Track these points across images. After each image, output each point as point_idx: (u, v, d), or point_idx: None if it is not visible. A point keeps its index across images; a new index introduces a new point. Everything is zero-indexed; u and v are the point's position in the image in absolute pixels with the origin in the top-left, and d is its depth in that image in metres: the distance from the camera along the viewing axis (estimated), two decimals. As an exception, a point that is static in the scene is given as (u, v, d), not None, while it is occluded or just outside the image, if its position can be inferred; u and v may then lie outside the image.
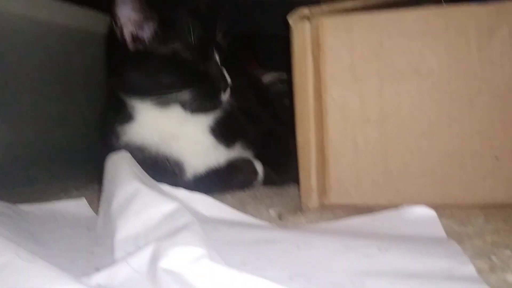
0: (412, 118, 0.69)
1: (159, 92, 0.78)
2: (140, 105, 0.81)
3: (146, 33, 0.78)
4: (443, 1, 0.77)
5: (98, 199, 0.66)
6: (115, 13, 0.77)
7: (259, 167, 0.88)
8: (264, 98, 1.00)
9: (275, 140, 0.91)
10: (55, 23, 0.86)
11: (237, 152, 0.88)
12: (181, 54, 0.78)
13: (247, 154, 0.89)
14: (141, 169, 0.67)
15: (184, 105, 0.80)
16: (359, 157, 0.71)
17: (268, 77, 1.11)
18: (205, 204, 0.68)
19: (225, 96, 0.82)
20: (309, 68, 0.72)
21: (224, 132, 0.85)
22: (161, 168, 0.81)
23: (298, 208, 0.74)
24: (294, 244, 0.55)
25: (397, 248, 0.53)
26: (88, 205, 0.74)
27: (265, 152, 0.90)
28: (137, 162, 0.70)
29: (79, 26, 0.92)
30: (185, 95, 0.79)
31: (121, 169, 0.64)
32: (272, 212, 0.71)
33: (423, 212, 0.62)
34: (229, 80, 0.82)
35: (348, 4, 0.72)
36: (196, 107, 0.80)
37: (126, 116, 0.82)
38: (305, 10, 0.71)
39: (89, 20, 0.95)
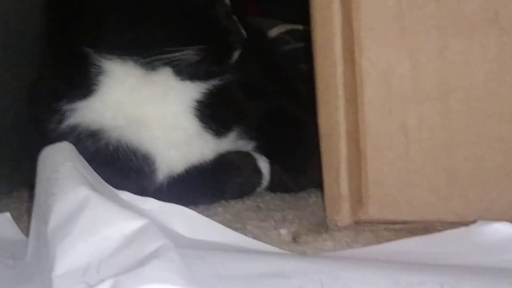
0: (488, 92, 0.70)
1: (153, 49, 0.79)
2: (115, 69, 0.82)
3: None
4: None
5: (29, 214, 0.67)
6: None
7: (263, 164, 0.90)
8: (270, 61, 1.01)
9: (286, 124, 0.92)
10: None
11: (232, 143, 0.90)
12: None
13: (245, 145, 0.91)
14: (91, 169, 0.68)
15: (180, 69, 0.82)
16: (411, 151, 0.72)
17: (275, 30, 1.11)
18: (185, 220, 0.68)
19: (235, 57, 0.84)
20: (336, 16, 0.72)
21: (214, 113, 0.86)
22: (123, 166, 0.82)
23: (322, 226, 0.74)
24: (317, 281, 0.55)
25: (470, 285, 0.53)
26: (14, 223, 0.74)
27: (272, 143, 0.91)
28: (87, 156, 0.71)
29: None
30: (192, 53, 0.80)
31: (62, 168, 0.64)
32: (284, 232, 0.72)
33: (507, 231, 0.62)
34: (244, 33, 0.84)
35: None
36: (199, 71, 0.83)
37: (83, 86, 0.82)
38: None
39: None
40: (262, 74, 0.97)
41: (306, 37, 0.77)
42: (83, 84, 0.82)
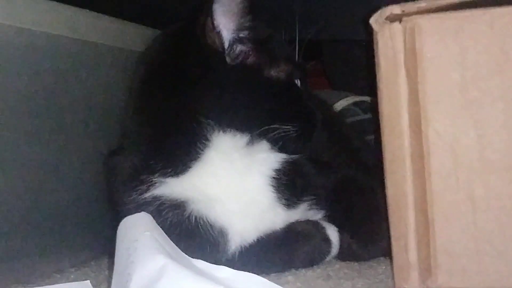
0: None
1: (264, 124, 0.83)
2: (223, 143, 0.84)
3: (246, 46, 0.84)
4: None
5: (107, 282, 0.68)
6: (211, 11, 0.82)
7: (332, 233, 0.90)
8: (338, 133, 1.02)
9: (355, 194, 0.93)
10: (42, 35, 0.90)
11: (302, 213, 0.90)
12: (291, 77, 0.86)
13: (315, 215, 0.92)
14: (168, 238, 0.69)
15: (275, 143, 0.85)
16: (479, 219, 0.71)
17: (342, 102, 1.12)
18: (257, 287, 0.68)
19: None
20: (403, 90, 0.73)
21: (288, 185, 0.88)
22: (201, 238, 0.83)
23: None
24: None
25: None
26: None
27: (341, 212, 0.92)
28: (165, 227, 0.73)
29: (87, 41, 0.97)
30: (291, 129, 0.84)
31: (141, 238, 0.65)
32: None
33: None
34: (319, 113, 0.88)
35: None
36: (290, 145, 0.86)
37: (182, 161, 0.84)
38: (395, 8, 0.72)
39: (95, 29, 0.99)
40: (330, 146, 0.98)
41: (373, 109, 0.78)
42: (183, 159, 0.84)
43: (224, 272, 0.68)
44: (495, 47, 0.71)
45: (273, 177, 0.88)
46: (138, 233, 0.66)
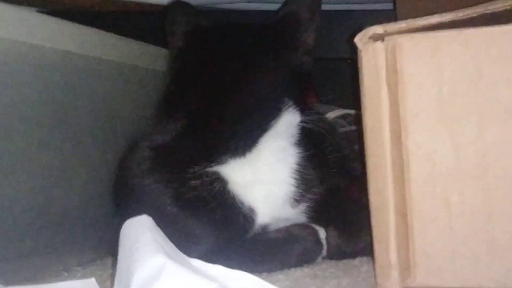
0: None
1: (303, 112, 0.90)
2: (287, 119, 0.90)
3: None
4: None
5: (111, 279, 0.68)
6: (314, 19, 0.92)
7: (323, 236, 0.90)
8: (331, 143, 1.02)
9: (343, 199, 0.94)
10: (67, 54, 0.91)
11: (297, 214, 0.92)
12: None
13: (306, 217, 0.93)
14: (167, 239, 0.69)
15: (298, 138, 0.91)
16: (454, 223, 0.72)
17: (330, 114, 1.12)
18: (249, 285, 0.68)
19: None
20: (384, 104, 0.73)
21: (301, 181, 0.90)
22: (233, 215, 0.87)
23: None
24: None
25: None
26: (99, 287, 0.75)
27: (330, 215, 0.92)
28: (205, 203, 0.78)
29: (101, 59, 0.98)
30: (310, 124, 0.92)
31: (142, 239, 0.65)
32: None
33: None
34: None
35: (433, 19, 0.73)
36: (308, 141, 0.93)
37: (242, 149, 0.88)
38: (377, 28, 0.72)
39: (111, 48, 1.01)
40: (325, 153, 0.99)
41: (357, 121, 0.78)
42: (242, 144, 0.87)
43: (217, 270, 0.68)
44: (470, 65, 0.71)
45: (294, 168, 0.91)
46: (140, 234, 0.66)
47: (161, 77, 1.01)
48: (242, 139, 0.87)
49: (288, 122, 0.90)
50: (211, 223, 0.87)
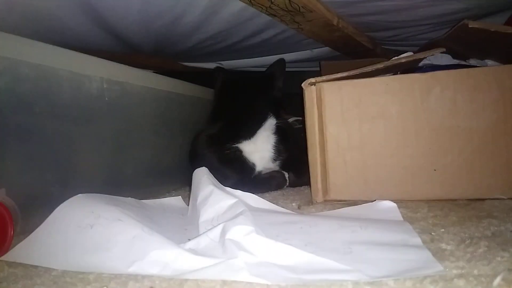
0: (381, 145, 0.70)
1: (279, 116, 0.87)
2: (269, 122, 0.86)
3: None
4: (399, 72, 0.78)
5: (189, 197, 0.66)
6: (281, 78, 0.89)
7: (287, 176, 0.88)
8: (291, 133, 0.99)
9: (297, 159, 0.90)
10: (160, 90, 0.88)
11: (275, 166, 0.88)
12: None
13: (279, 167, 0.89)
14: (215, 178, 0.66)
15: (274, 128, 0.86)
16: (348, 170, 0.71)
17: (291, 119, 1.13)
18: (253, 199, 0.67)
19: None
20: (315, 114, 0.72)
21: (276, 150, 0.87)
22: (246, 164, 0.85)
23: (310, 202, 0.73)
24: (308, 224, 0.56)
25: (372, 227, 0.53)
26: (183, 201, 0.74)
27: (291, 166, 0.89)
28: (232, 161, 0.79)
29: (176, 93, 0.94)
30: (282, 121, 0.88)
31: (202, 178, 0.64)
32: (294, 205, 0.72)
33: (388, 205, 0.62)
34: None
35: (339, 75, 0.73)
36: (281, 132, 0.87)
37: (253, 130, 0.84)
38: (311, 79, 0.72)
39: (179, 87, 0.96)
40: (289, 138, 0.96)
41: (303, 122, 0.77)
42: (253, 130, 0.84)
43: (238, 193, 0.67)
44: (356, 96, 0.71)
45: (273, 144, 0.87)
46: (201, 176, 0.65)
47: (209, 103, 0.99)
48: (249, 131, 0.85)
49: (270, 123, 0.87)
50: (235, 171, 0.85)
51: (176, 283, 0.41)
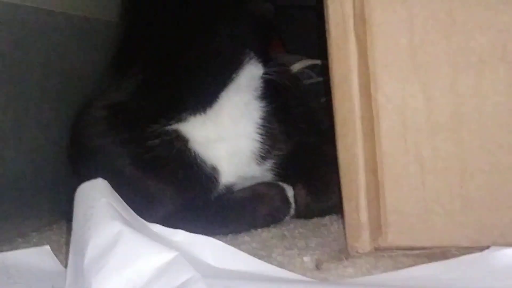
0: (499, 123, 0.70)
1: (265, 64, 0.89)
2: (250, 71, 0.87)
3: None
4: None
5: (67, 245, 0.67)
6: None
7: (291, 194, 0.90)
8: (296, 96, 1.02)
9: (311, 154, 0.93)
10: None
11: (263, 171, 0.91)
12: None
13: (273, 175, 0.92)
14: (124, 204, 0.68)
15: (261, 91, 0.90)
16: (426, 179, 0.72)
17: (297, 65, 1.11)
18: (213, 250, 0.68)
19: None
20: (352, 54, 0.72)
21: (267, 136, 0.89)
22: (197, 170, 0.86)
23: (343, 252, 0.74)
24: None
25: None
26: (54, 255, 0.75)
27: (297, 171, 0.92)
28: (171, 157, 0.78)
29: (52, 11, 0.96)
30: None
31: (97, 204, 0.64)
32: (308, 260, 0.72)
33: None
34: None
35: None
36: (271, 94, 0.91)
37: (202, 104, 0.86)
38: None
39: None
40: (289, 107, 0.98)
41: (325, 72, 0.78)
42: (202, 98, 0.85)
43: (179, 235, 0.68)
44: (442, 12, 0.71)
45: (259, 123, 0.90)
46: (95, 199, 0.66)
47: (115, 29, 0.98)
48: (202, 94, 0.86)
49: (250, 74, 0.88)
50: (171, 185, 0.86)
51: None
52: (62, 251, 0.78)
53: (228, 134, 0.88)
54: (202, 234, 0.69)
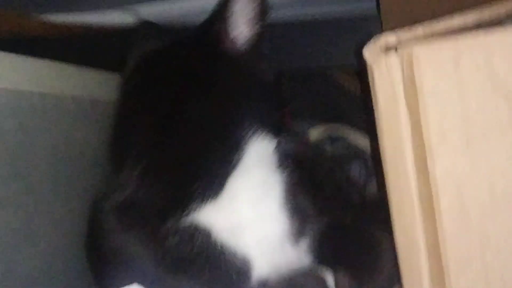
0: None
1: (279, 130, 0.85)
2: (258, 147, 0.83)
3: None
4: None
5: None
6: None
7: (331, 283, 0.85)
8: (320, 167, 0.97)
9: (350, 235, 0.88)
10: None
11: (301, 252, 0.86)
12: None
13: (309, 258, 0.87)
14: None
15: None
16: (492, 260, 0.69)
17: (314, 134, 1.08)
18: None
19: None
20: (404, 126, 0.70)
21: (296, 212, 0.84)
22: (225, 270, 0.81)
23: None
24: None
25: None
26: None
27: (336, 252, 0.87)
28: (181, 258, 0.76)
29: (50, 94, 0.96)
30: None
31: None
32: None
33: None
34: None
35: (455, 21, 0.71)
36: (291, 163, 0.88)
37: (220, 175, 0.80)
38: (390, 37, 0.69)
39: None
40: (315, 179, 0.94)
41: (372, 149, 0.76)
42: (220, 176, 0.81)
43: None
44: (499, 73, 0.68)
45: (285, 200, 0.85)
46: None
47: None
48: (206, 180, 0.82)
49: (261, 150, 0.85)
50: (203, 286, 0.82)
51: None
52: None
53: (250, 217, 0.84)
54: None
